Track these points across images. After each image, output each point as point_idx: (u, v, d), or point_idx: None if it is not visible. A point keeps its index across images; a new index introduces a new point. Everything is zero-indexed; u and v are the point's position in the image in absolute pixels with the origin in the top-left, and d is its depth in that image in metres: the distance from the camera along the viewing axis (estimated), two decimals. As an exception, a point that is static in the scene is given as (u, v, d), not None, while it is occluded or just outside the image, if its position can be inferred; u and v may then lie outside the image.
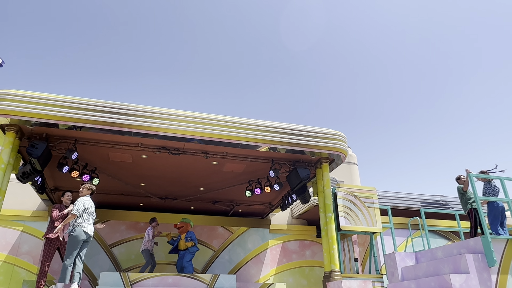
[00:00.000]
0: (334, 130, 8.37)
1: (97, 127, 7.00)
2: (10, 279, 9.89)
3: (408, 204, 12.36)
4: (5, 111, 6.68)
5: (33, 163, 7.18)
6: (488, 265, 6.70)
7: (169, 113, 7.41)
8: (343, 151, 8.32)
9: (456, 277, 6.44)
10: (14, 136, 7.07)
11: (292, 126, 8.09)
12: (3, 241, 10.23)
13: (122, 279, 8.35)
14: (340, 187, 9.51)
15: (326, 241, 8.07)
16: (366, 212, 9.33)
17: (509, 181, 7.89)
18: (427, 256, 8.05)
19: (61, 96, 7.02)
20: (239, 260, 11.97)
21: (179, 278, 8.70)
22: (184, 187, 10.28)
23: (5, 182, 6.85)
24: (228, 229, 12.34)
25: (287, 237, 12.64)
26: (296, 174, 8.41)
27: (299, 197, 9.33)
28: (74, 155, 7.42)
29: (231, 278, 9.05)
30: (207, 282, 8.78)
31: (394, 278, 8.06)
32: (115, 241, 11.21)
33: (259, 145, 7.81)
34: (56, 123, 6.86)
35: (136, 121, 7.15)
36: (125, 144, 7.87)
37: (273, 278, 11.90)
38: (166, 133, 7.29)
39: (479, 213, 7.65)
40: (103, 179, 8.91)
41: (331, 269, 7.80)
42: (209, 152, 8.22)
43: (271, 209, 11.95)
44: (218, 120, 7.62)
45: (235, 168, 9.03)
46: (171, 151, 8.02)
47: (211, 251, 11.91)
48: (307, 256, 12.52)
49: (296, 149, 8.02)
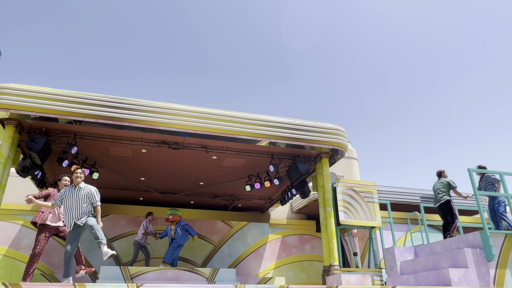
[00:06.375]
0: (334, 125, 8.36)
1: (96, 121, 6.98)
2: (10, 273, 9.93)
3: (407, 199, 12.39)
4: (5, 105, 6.65)
5: (33, 157, 7.18)
6: (486, 260, 6.74)
7: (169, 108, 7.39)
8: (342, 146, 8.32)
9: (454, 271, 6.48)
10: (13, 130, 7.05)
11: (292, 120, 8.08)
12: (3, 235, 10.26)
13: (122, 273, 8.38)
14: (340, 181, 9.52)
15: (326, 236, 8.10)
16: (365, 207, 9.35)
17: (509, 176, 7.91)
18: (426, 250, 8.09)
19: (60, 90, 6.99)
20: (239, 254, 12.02)
21: (179, 272, 8.74)
22: (184, 181, 10.29)
23: (5, 176, 6.84)
24: (228, 224, 12.37)
25: (286, 231, 12.68)
26: (296, 169, 8.42)
27: (299, 191, 9.35)
28: (74, 150, 7.41)
29: (231, 272, 9.09)
30: (207, 276, 8.82)
31: (393, 272, 8.10)
32: (115, 235, 11.23)
33: (259, 139, 7.80)
34: (56, 117, 6.85)
35: (136, 115, 7.13)
36: (124, 139, 7.86)
37: (272, 272, 11.95)
38: (165, 128, 7.28)
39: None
40: (103, 174, 8.92)
41: (331, 263, 7.83)
42: (209, 146, 8.21)
43: (270, 203, 11.97)
44: (218, 115, 7.60)
45: (235, 162, 9.04)
46: (170, 145, 8.02)
47: (211, 245, 11.95)
48: (307, 251, 12.56)
49: (296, 144, 8.01)
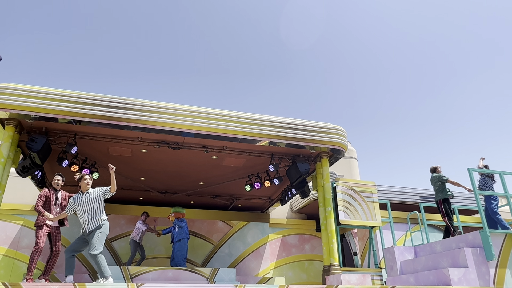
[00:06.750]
0: (334, 125, 8.36)
1: (96, 121, 6.98)
2: (10, 272, 9.93)
3: (407, 199, 12.39)
4: (4, 105, 6.65)
5: (32, 157, 7.18)
6: (486, 259, 6.74)
7: (169, 107, 7.39)
8: (342, 146, 8.32)
9: (454, 271, 6.47)
10: (13, 130, 7.05)
11: (292, 120, 8.08)
12: (3, 235, 10.26)
13: (122, 272, 8.39)
14: (340, 181, 9.52)
15: (326, 235, 8.10)
16: (365, 207, 9.35)
17: (509, 176, 7.91)
18: (426, 250, 8.08)
19: (60, 90, 6.99)
20: (239, 254, 12.02)
21: (179, 272, 8.74)
22: (184, 181, 10.30)
23: (5, 176, 6.84)
24: (228, 223, 12.37)
25: (286, 231, 12.68)
26: (296, 169, 8.42)
27: (299, 191, 9.35)
28: (73, 149, 7.41)
29: (231, 271, 9.10)
30: (207, 276, 8.82)
31: (393, 272, 8.10)
32: (115, 235, 11.23)
33: (258, 139, 7.80)
34: (56, 117, 6.85)
35: (136, 115, 7.13)
36: (124, 138, 7.86)
37: (272, 272, 11.95)
38: (165, 127, 7.28)
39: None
40: (103, 174, 8.90)
41: (331, 263, 7.83)
42: (209, 146, 8.21)
43: (270, 203, 11.98)
44: (218, 114, 7.60)
45: (234, 162, 9.04)
46: (170, 145, 8.02)
47: (211, 245, 11.95)
48: (307, 250, 12.57)
49: (296, 144, 8.01)
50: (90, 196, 6.06)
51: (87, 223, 5.93)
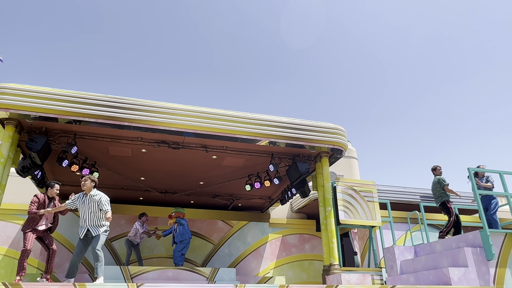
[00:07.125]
0: (334, 124, 8.36)
1: (96, 121, 6.97)
2: (11, 272, 9.93)
3: (407, 198, 12.40)
4: (4, 105, 6.64)
5: (32, 157, 7.17)
6: (486, 259, 6.74)
7: (169, 107, 7.39)
8: (342, 145, 8.32)
9: (454, 271, 6.48)
10: (13, 130, 7.04)
11: (291, 120, 8.08)
12: (3, 235, 10.26)
13: (122, 272, 8.40)
14: (340, 181, 9.52)
15: (326, 235, 8.10)
16: (365, 206, 9.35)
17: (509, 176, 7.91)
18: (426, 249, 8.09)
19: (60, 90, 6.98)
20: (239, 253, 12.03)
21: (179, 272, 8.75)
22: (184, 181, 10.30)
23: (5, 176, 6.84)
24: (228, 223, 12.38)
25: (286, 231, 12.69)
26: (296, 168, 8.42)
27: (299, 191, 9.35)
28: (73, 149, 7.41)
29: (231, 271, 9.11)
30: (207, 276, 8.83)
31: (393, 271, 8.11)
32: (115, 235, 11.24)
33: (258, 139, 7.80)
34: (56, 117, 6.84)
35: (136, 115, 7.13)
36: (124, 138, 7.86)
37: (272, 272, 11.96)
38: (165, 127, 7.27)
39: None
40: (103, 173, 8.91)
41: (331, 263, 7.83)
42: (209, 146, 8.21)
43: (270, 203, 11.98)
44: (218, 114, 7.60)
45: (234, 162, 9.04)
46: (170, 145, 8.02)
47: (211, 244, 11.96)
48: (307, 250, 12.57)
49: (296, 143, 8.01)
50: (93, 199, 6.13)
51: (90, 228, 6.08)
